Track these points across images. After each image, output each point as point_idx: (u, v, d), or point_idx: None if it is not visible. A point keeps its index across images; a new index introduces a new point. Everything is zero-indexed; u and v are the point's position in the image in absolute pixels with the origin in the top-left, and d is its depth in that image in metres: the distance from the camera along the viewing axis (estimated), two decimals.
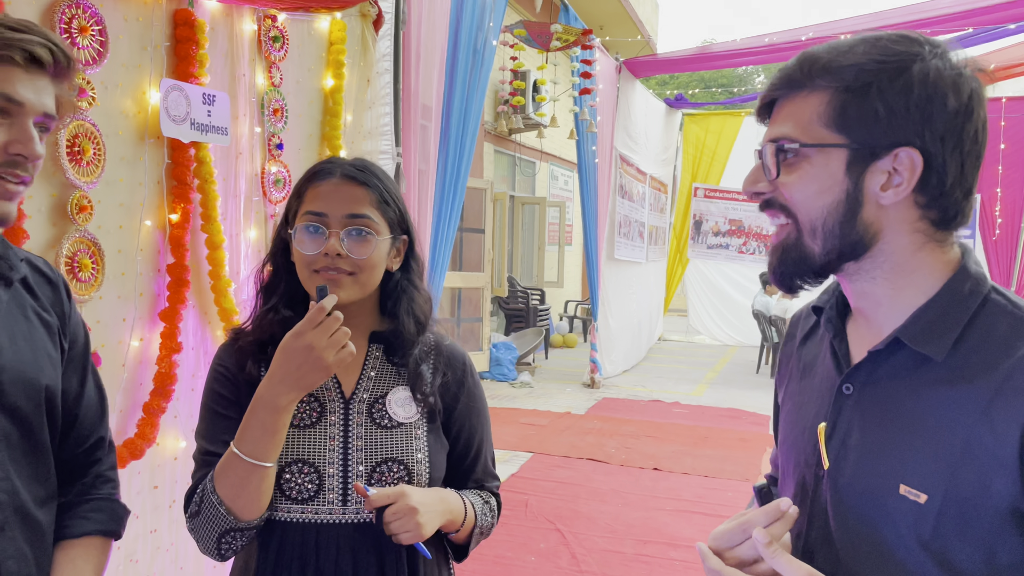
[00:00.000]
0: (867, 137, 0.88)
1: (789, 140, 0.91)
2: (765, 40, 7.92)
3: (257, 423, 1.18)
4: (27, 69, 1.01)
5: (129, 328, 2.05)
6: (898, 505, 0.87)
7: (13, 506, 1.06)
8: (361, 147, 3.16)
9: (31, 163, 1.04)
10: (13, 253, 1.14)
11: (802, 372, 1.07)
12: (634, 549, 4.07)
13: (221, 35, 2.33)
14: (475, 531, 1.37)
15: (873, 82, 0.86)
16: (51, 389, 1.13)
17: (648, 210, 10.78)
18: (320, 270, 1.26)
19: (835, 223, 0.90)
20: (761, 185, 0.95)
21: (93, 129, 1.89)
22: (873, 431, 0.91)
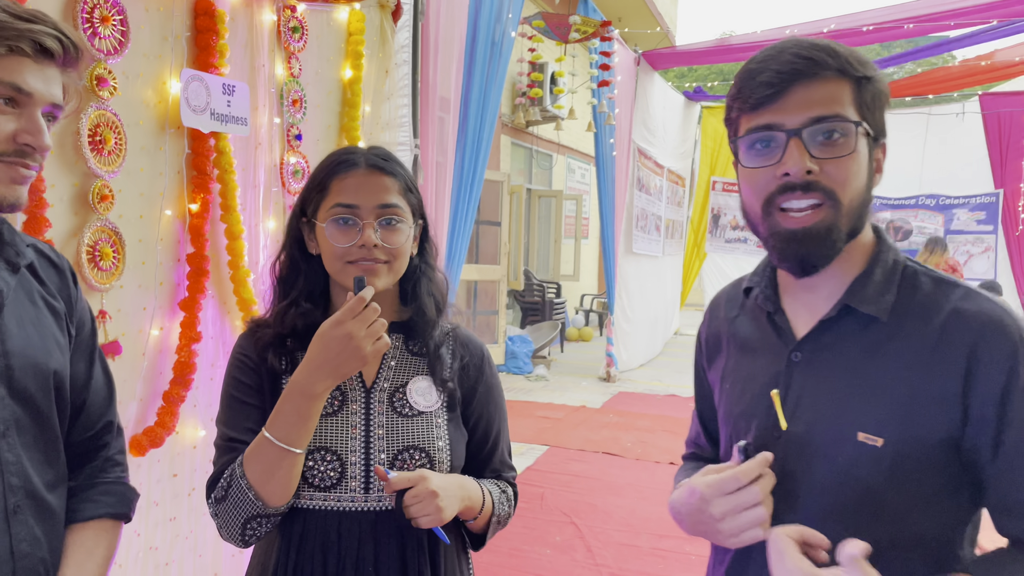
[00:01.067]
0: (873, 125, 0.99)
1: (841, 119, 0.96)
2: (786, 32, 7.85)
3: (291, 408, 1.19)
4: (36, 60, 1.02)
5: (149, 317, 2.06)
6: (857, 450, 0.98)
7: (25, 490, 1.07)
8: (379, 138, 3.16)
9: (39, 153, 1.04)
10: (19, 239, 1.14)
11: (740, 349, 1.16)
12: (650, 543, 4.06)
13: (241, 25, 2.33)
14: (492, 520, 1.38)
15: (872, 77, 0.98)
16: (59, 374, 1.14)
17: (665, 203, 10.73)
18: (355, 261, 1.27)
19: (861, 203, 0.99)
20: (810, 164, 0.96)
21: (114, 119, 1.90)
22: (828, 389, 1.02)
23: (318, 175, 1.33)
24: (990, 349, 0.95)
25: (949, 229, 10.41)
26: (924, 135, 10.54)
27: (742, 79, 1.01)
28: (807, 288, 1.06)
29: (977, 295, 1.00)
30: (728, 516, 0.99)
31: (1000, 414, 0.94)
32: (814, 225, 0.97)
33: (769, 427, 1.05)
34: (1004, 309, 0.98)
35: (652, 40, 11.19)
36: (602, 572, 3.69)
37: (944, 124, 10.31)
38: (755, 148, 1.00)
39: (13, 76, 0.99)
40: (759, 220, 1.03)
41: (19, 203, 1.05)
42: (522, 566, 3.73)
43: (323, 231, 1.29)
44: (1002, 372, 0.94)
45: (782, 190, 0.98)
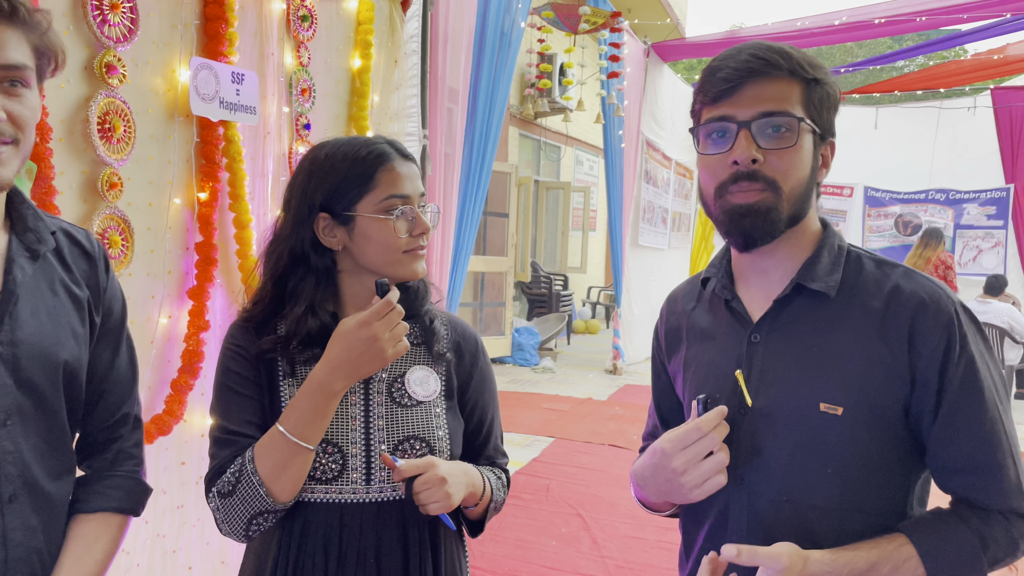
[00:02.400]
0: (820, 123, 1.09)
1: (786, 115, 1.06)
2: (797, 24, 7.79)
3: (309, 405, 1.19)
4: None
5: (158, 305, 2.06)
6: (820, 420, 1.07)
7: (23, 479, 1.06)
8: (388, 128, 3.16)
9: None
10: (44, 225, 1.13)
11: (700, 338, 1.25)
12: (655, 535, 4.06)
13: (250, 14, 2.32)
14: (491, 506, 1.39)
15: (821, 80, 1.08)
16: (71, 365, 1.12)
17: (672, 196, 10.69)
18: (412, 251, 1.29)
19: (803, 192, 1.10)
20: (757, 153, 1.07)
21: (123, 106, 1.90)
22: (787, 366, 1.11)
23: (355, 168, 1.27)
24: (928, 321, 1.06)
25: (959, 224, 10.36)
26: (935, 129, 10.47)
27: (705, 74, 1.12)
28: (760, 273, 1.17)
29: (916, 274, 1.11)
30: (689, 467, 1.08)
31: (939, 380, 1.05)
32: (756, 202, 1.08)
33: (735, 406, 1.13)
34: (938, 285, 1.09)
35: (662, 32, 11.13)
36: (607, 564, 3.70)
37: (955, 118, 10.24)
38: (711, 137, 1.11)
39: None
40: (712, 202, 1.13)
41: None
42: (528, 557, 3.74)
43: (377, 224, 1.26)
44: (940, 342, 1.05)
45: (733, 179, 1.08)
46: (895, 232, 10.81)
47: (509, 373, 8.42)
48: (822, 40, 8.09)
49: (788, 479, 1.09)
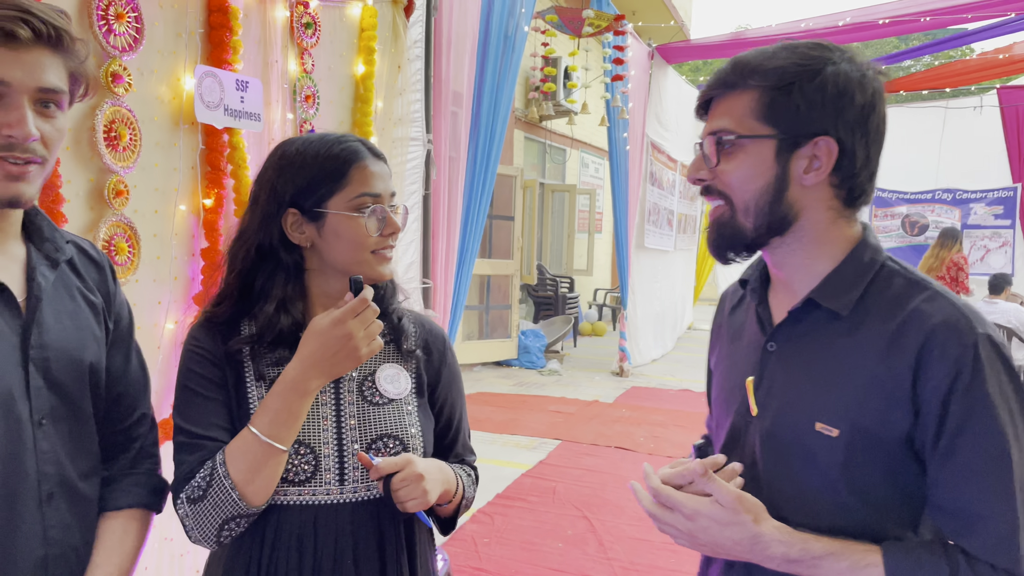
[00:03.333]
0: (792, 128, 1.04)
1: (727, 132, 1.07)
2: (801, 25, 7.79)
3: (282, 405, 1.17)
4: (7, 47, 0.98)
5: (164, 311, 2.08)
6: (815, 440, 1.04)
7: (59, 478, 1.10)
8: (392, 134, 3.18)
9: (27, 143, 1.01)
10: (59, 235, 1.17)
11: (731, 338, 1.25)
12: (662, 538, 4.06)
13: (254, 22, 2.34)
14: (462, 503, 1.39)
15: (795, 82, 1.03)
16: (95, 367, 1.17)
17: (678, 198, 10.69)
18: (379, 251, 1.27)
19: (765, 203, 1.06)
20: (703, 173, 1.10)
21: (129, 115, 1.92)
22: (793, 380, 1.08)
23: (327, 164, 1.25)
24: (939, 349, 0.98)
25: (966, 223, 10.33)
26: (941, 129, 10.46)
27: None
28: (783, 282, 1.14)
29: (943, 298, 1.02)
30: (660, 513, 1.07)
31: (941, 415, 0.98)
32: (718, 216, 1.11)
33: (743, 412, 1.13)
34: (963, 313, 1.00)
35: (666, 34, 11.14)
36: (614, 566, 3.70)
37: (961, 118, 10.23)
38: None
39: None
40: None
41: (16, 200, 1.03)
42: (534, 559, 3.75)
43: (347, 221, 1.24)
44: (948, 371, 0.97)
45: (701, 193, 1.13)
46: (902, 232, 10.79)
47: (515, 376, 8.43)
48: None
49: (781, 496, 1.07)
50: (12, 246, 1.11)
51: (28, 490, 1.06)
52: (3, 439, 1.02)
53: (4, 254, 1.09)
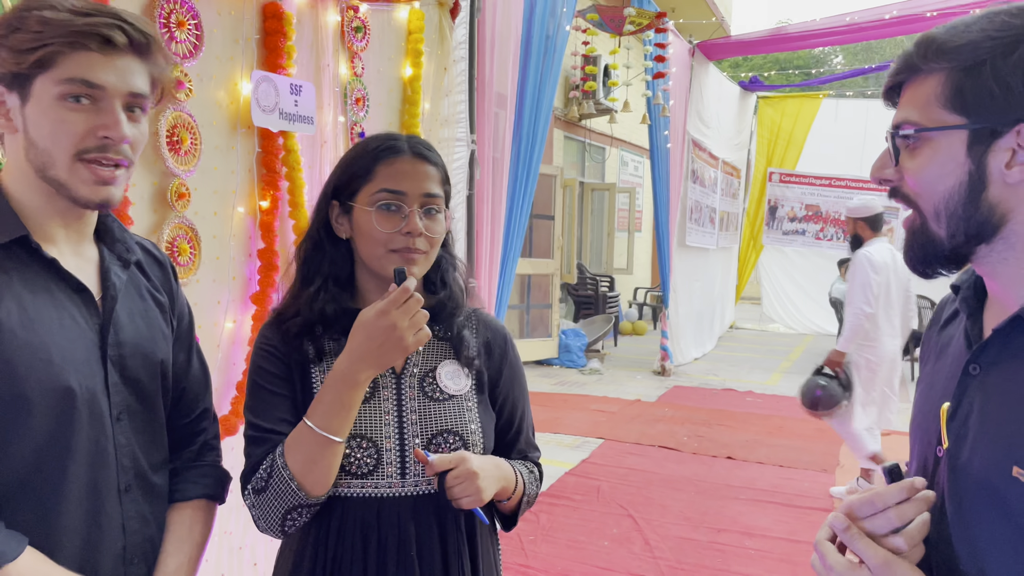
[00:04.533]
0: (986, 116, 0.86)
1: (909, 124, 0.92)
2: (846, 19, 7.67)
3: (334, 397, 1.20)
4: (104, 52, 1.02)
5: (223, 310, 2.14)
6: (1011, 487, 0.84)
7: (135, 470, 1.15)
8: (438, 134, 3.21)
9: (121, 144, 1.05)
10: (129, 237, 1.22)
11: (937, 354, 1.06)
12: (708, 537, 4.05)
13: (307, 27, 2.39)
14: (523, 500, 1.39)
15: (987, 59, 0.85)
16: (165, 363, 1.22)
17: (720, 195, 10.60)
18: (399, 250, 1.27)
19: (958, 205, 0.90)
20: (888, 172, 0.96)
21: (190, 120, 1.98)
22: (993, 412, 0.89)
23: (362, 159, 1.31)
24: None
25: None
26: None
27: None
28: (997, 295, 0.96)
29: None
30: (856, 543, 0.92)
31: None
32: (910, 227, 0.97)
33: (933, 443, 0.97)
34: None
35: (707, 30, 11.04)
36: (660, 565, 3.69)
37: None
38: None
39: (82, 72, 1.01)
40: None
41: (108, 203, 1.08)
42: (580, 557, 3.76)
43: (365, 215, 1.28)
44: None
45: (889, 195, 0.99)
46: None
47: (556, 375, 8.44)
48: (872, 35, 7.96)
49: (970, 548, 0.90)
50: (86, 248, 1.16)
51: (109, 483, 1.11)
52: (89, 433, 1.07)
53: (79, 255, 1.14)
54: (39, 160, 1.04)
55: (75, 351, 1.07)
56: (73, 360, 1.06)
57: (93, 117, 1.03)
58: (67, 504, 1.05)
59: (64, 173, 1.04)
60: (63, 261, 1.09)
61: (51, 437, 1.03)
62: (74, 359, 1.06)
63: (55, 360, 1.03)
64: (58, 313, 1.07)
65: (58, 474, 1.04)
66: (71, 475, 1.05)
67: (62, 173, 1.04)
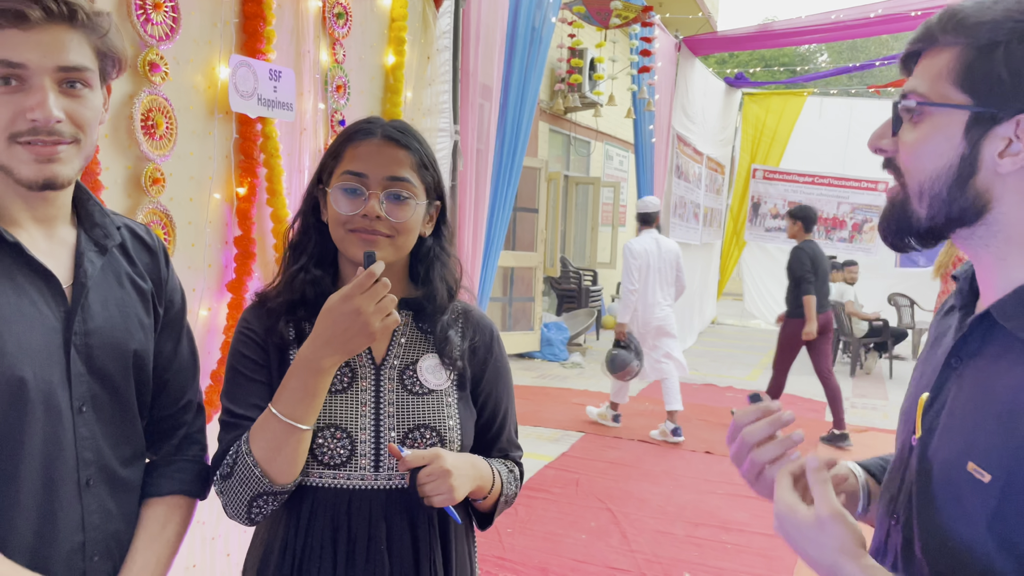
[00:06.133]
0: (990, 99, 0.84)
1: (915, 95, 0.89)
2: (831, 17, 7.70)
3: (298, 384, 1.18)
4: (21, 28, 0.96)
5: (198, 298, 2.11)
6: (966, 482, 0.85)
7: (98, 464, 1.11)
8: (420, 124, 3.19)
9: (52, 124, 0.99)
10: (110, 220, 1.17)
11: (931, 344, 1.05)
12: (685, 531, 4.06)
13: (287, 12, 2.36)
14: (500, 499, 1.37)
15: (1002, 42, 0.82)
16: (140, 354, 1.17)
17: (704, 191, 10.63)
18: (357, 230, 1.25)
19: (943, 187, 0.88)
20: (885, 142, 0.94)
21: (166, 103, 1.94)
22: (960, 406, 0.89)
23: (336, 142, 1.32)
24: None
25: None
26: None
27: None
28: (984, 285, 0.94)
29: None
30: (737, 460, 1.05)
31: None
32: (891, 199, 0.95)
33: (911, 432, 0.98)
34: None
35: (693, 25, 11.05)
36: (637, 558, 3.70)
37: None
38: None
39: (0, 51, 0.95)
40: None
41: (52, 182, 1.03)
42: (558, 550, 3.76)
43: (330, 197, 1.28)
44: None
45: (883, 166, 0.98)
46: None
47: (538, 368, 8.44)
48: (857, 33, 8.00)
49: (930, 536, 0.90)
50: (62, 231, 1.12)
51: (67, 477, 1.06)
52: (42, 426, 1.03)
53: (53, 239, 1.10)
54: None
55: (32, 339, 1.03)
56: (29, 349, 1.02)
57: (20, 99, 0.98)
58: (18, 497, 1.01)
59: (3, 156, 1.00)
60: (33, 245, 1.05)
61: (2, 428, 0.99)
62: (30, 348, 1.02)
63: (8, 349, 0.99)
64: (17, 299, 1.03)
65: (8, 466, 1.00)
66: (23, 468, 1.01)
67: (2, 157, 1.00)
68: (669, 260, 5.81)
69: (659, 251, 5.75)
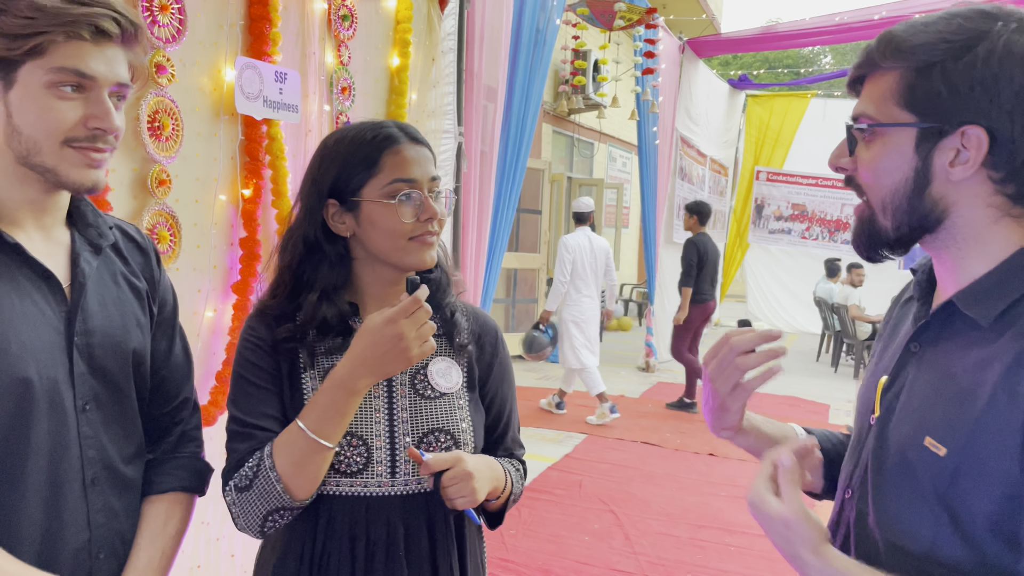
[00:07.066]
0: (934, 115, 0.90)
1: (865, 118, 0.96)
2: (835, 19, 7.70)
3: (330, 402, 1.17)
4: (95, 42, 1.02)
5: (204, 299, 2.12)
6: (921, 456, 0.92)
7: (103, 462, 1.12)
8: (425, 126, 3.19)
9: (110, 135, 1.06)
10: (103, 221, 1.19)
11: (890, 331, 1.13)
12: (688, 533, 4.06)
13: (293, 14, 2.37)
14: (510, 498, 1.38)
15: (938, 62, 0.89)
16: (138, 352, 1.18)
17: (708, 193, 10.61)
18: (417, 237, 1.25)
19: (903, 199, 0.94)
20: (844, 160, 1.01)
21: (172, 105, 1.95)
22: (920, 387, 0.96)
23: (359, 152, 1.25)
24: None
25: None
26: None
27: None
28: (943, 280, 1.00)
29: None
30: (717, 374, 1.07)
31: None
32: (859, 215, 1.02)
33: (869, 413, 1.04)
34: None
35: (697, 27, 11.05)
36: (640, 560, 3.70)
37: None
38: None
39: (74, 62, 1.00)
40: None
41: (96, 187, 1.07)
42: (561, 552, 3.76)
43: (382, 209, 1.24)
44: None
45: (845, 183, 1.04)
46: None
47: (541, 369, 8.44)
48: (861, 35, 7.97)
49: (884, 512, 0.96)
50: (57, 232, 1.13)
51: (72, 475, 1.07)
52: (48, 425, 1.04)
53: (50, 240, 1.11)
54: (23, 147, 1.02)
55: (36, 339, 1.04)
56: (33, 349, 1.03)
57: (83, 107, 1.02)
58: (24, 496, 1.02)
59: (52, 159, 1.02)
60: (32, 246, 1.06)
61: (8, 428, 1.00)
62: (34, 348, 1.03)
63: (12, 349, 1.00)
64: (20, 300, 1.04)
65: (15, 466, 1.01)
66: (29, 467, 1.02)
67: (49, 159, 1.02)
68: (600, 256, 6.25)
69: (591, 247, 6.18)
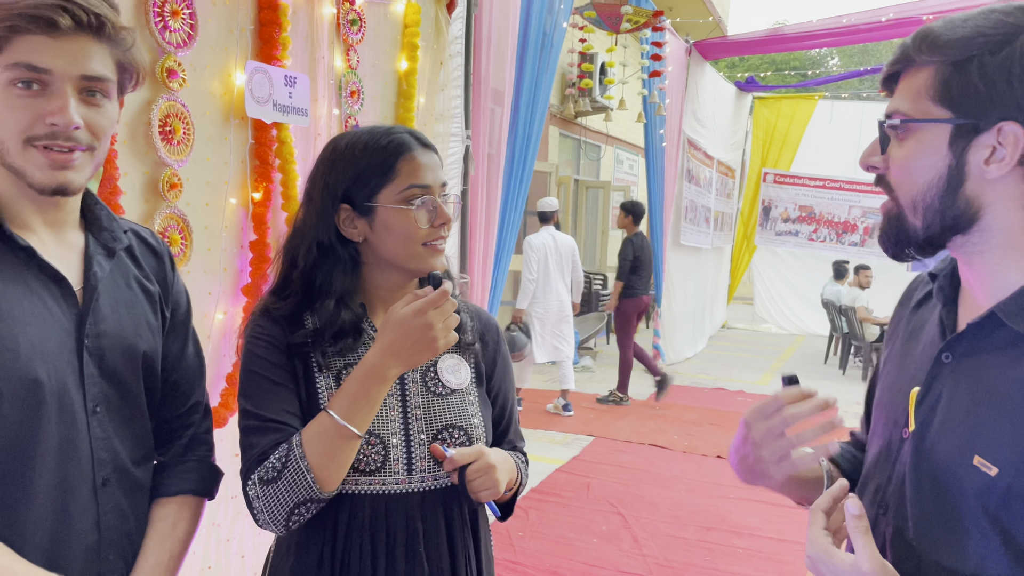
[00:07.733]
0: (970, 111, 0.88)
1: (898, 114, 0.94)
2: (843, 21, 7.69)
3: (361, 390, 1.18)
4: (50, 35, 0.98)
5: (214, 302, 2.13)
6: (969, 475, 0.88)
7: (114, 464, 1.13)
8: (433, 129, 3.20)
9: (71, 131, 1.01)
10: (117, 225, 1.20)
11: (908, 336, 1.09)
12: (697, 535, 4.06)
13: (302, 18, 2.38)
14: (519, 489, 1.41)
15: (976, 56, 0.87)
16: (149, 356, 1.19)
17: (715, 195, 10.61)
18: (430, 242, 1.28)
19: (935, 197, 0.92)
20: (876, 159, 0.98)
21: (183, 109, 1.97)
22: (961, 401, 0.92)
23: (373, 158, 1.27)
24: None
25: None
26: None
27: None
28: (971, 286, 0.97)
29: None
30: (765, 441, 1.03)
31: None
32: (886, 212, 0.99)
33: (900, 425, 1.00)
34: None
35: (704, 30, 11.04)
36: (648, 562, 3.70)
37: None
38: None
39: (26, 56, 0.97)
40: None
41: (67, 188, 1.04)
42: (569, 554, 3.76)
43: (398, 214, 1.26)
44: None
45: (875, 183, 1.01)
46: None
47: (549, 372, 8.44)
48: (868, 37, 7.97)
49: (927, 530, 0.93)
50: (71, 235, 1.13)
51: (83, 477, 1.08)
52: (57, 426, 1.04)
53: (62, 243, 1.12)
54: (1, 149, 1.01)
55: (46, 342, 1.04)
56: (43, 351, 1.03)
57: (42, 103, 0.99)
58: (33, 496, 1.02)
59: (19, 159, 1.01)
60: (43, 249, 1.07)
61: (18, 429, 1.00)
62: (44, 350, 1.03)
63: (22, 350, 1.00)
64: (31, 302, 1.04)
65: (24, 466, 1.01)
66: (38, 468, 1.02)
67: (16, 160, 1.01)
68: (565, 253, 6.57)
69: (556, 245, 6.51)
